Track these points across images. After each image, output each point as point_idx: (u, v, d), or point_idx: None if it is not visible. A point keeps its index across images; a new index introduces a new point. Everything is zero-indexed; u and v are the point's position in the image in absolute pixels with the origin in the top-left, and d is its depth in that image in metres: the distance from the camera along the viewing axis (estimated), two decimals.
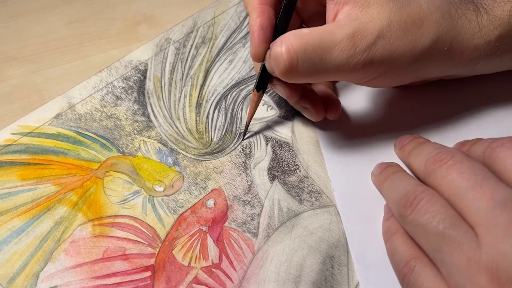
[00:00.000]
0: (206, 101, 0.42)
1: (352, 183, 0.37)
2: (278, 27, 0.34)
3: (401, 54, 0.31)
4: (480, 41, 0.33)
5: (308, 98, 0.38)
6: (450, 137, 0.38)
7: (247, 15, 0.48)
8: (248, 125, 0.39)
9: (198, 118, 0.41)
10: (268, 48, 0.34)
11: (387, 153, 0.38)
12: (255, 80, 0.37)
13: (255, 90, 0.37)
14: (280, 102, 0.42)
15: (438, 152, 0.30)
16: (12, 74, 0.43)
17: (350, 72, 0.32)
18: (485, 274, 0.24)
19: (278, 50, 0.31)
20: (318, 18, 0.37)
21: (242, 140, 0.39)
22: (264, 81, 0.36)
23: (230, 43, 0.46)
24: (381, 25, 0.31)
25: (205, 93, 0.43)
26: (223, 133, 0.40)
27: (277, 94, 0.42)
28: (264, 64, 0.35)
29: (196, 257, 0.34)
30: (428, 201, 0.28)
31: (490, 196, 0.26)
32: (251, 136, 0.40)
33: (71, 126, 0.40)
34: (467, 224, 0.26)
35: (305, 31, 0.31)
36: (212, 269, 0.33)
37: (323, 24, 0.34)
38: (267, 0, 0.34)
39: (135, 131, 0.40)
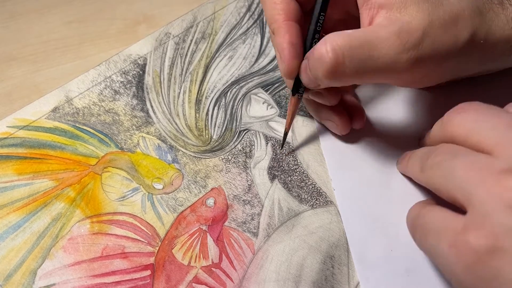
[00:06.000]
0: (206, 98, 0.42)
1: (353, 182, 0.37)
2: (310, 39, 0.33)
3: (446, 51, 0.31)
4: (510, 32, 0.33)
5: (333, 109, 0.37)
6: None
7: (247, 11, 0.47)
8: (287, 136, 0.39)
9: (197, 115, 0.41)
10: (299, 64, 0.33)
11: (388, 153, 0.38)
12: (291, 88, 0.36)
13: (293, 94, 0.36)
14: (280, 101, 0.42)
15: (457, 106, 0.31)
16: (12, 74, 0.43)
17: (399, 71, 0.31)
18: (499, 175, 0.25)
19: (322, 49, 0.30)
20: (341, 26, 0.35)
21: (281, 148, 0.39)
22: (299, 85, 0.35)
23: (230, 39, 0.45)
24: (424, 23, 0.30)
25: (205, 89, 0.42)
26: (222, 131, 0.40)
27: (277, 93, 0.42)
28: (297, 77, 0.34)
29: (196, 256, 0.33)
30: (448, 147, 0.29)
31: (507, 122, 0.27)
32: (251, 133, 0.40)
33: (69, 120, 0.39)
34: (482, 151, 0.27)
35: (347, 31, 0.31)
36: (212, 268, 0.33)
37: None
38: (292, 16, 0.33)
39: (133, 127, 0.39)
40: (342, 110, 0.38)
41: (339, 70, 0.30)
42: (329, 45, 0.30)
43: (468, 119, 0.29)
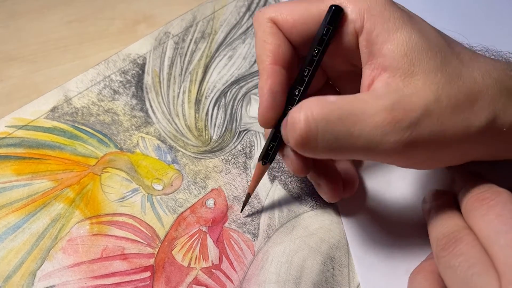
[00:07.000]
0: (206, 98, 0.41)
1: None
2: (294, 91, 0.30)
3: (451, 136, 0.26)
4: None
5: (323, 173, 0.33)
6: None
7: (246, 10, 0.47)
8: (249, 198, 0.35)
9: (197, 115, 0.40)
10: (277, 115, 0.30)
11: None
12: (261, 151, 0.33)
13: (260, 162, 0.33)
14: None
15: (484, 190, 0.27)
16: (11, 73, 0.42)
17: (386, 153, 0.26)
18: None
19: (295, 117, 0.26)
20: (348, 78, 0.32)
21: (241, 211, 0.35)
22: (270, 151, 0.32)
23: (229, 39, 0.45)
24: (428, 99, 0.26)
25: (204, 89, 0.42)
26: (222, 131, 0.40)
27: None
28: (273, 132, 0.31)
29: (196, 257, 0.33)
30: (467, 244, 0.26)
31: None
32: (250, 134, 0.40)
33: (67, 120, 0.39)
34: (495, 271, 0.24)
35: (331, 98, 0.27)
36: (212, 270, 0.33)
37: (354, 87, 0.30)
38: (280, 60, 0.30)
39: (133, 127, 0.39)
40: (333, 174, 0.34)
41: (310, 144, 0.27)
42: (302, 114, 0.26)
43: (488, 222, 0.26)
